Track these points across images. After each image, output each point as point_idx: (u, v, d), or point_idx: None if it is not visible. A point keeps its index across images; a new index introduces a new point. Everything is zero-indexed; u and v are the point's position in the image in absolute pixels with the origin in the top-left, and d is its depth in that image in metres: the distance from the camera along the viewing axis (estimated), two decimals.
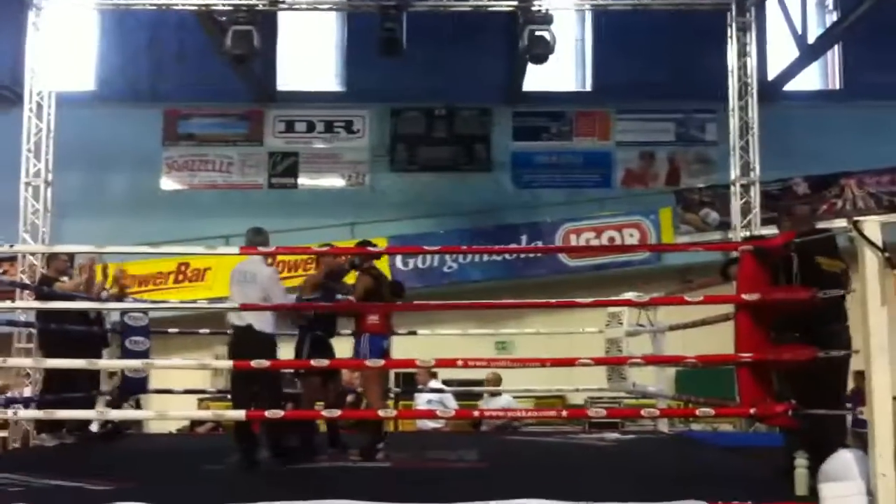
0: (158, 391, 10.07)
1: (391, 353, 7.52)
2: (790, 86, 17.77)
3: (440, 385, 11.53)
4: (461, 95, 18.28)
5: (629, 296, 8.35)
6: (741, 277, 5.58)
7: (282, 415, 5.93)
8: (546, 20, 13.51)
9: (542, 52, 13.72)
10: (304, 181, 18.53)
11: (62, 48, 14.83)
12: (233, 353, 6.69)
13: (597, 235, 16.32)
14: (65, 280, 8.54)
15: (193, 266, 15.75)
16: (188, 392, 10.63)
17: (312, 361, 6.63)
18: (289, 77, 19.07)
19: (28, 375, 11.72)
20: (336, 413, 6.17)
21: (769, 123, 14.30)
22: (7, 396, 9.82)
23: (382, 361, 6.91)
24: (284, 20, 18.61)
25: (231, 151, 18.55)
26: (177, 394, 10.18)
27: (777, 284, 5.46)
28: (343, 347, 7.56)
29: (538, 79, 17.92)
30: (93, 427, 8.75)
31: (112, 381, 9.08)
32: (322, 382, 7.33)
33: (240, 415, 6.30)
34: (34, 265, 12.72)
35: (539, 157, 18.79)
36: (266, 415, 6.31)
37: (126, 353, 8.76)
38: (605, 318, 9.53)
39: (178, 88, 18.27)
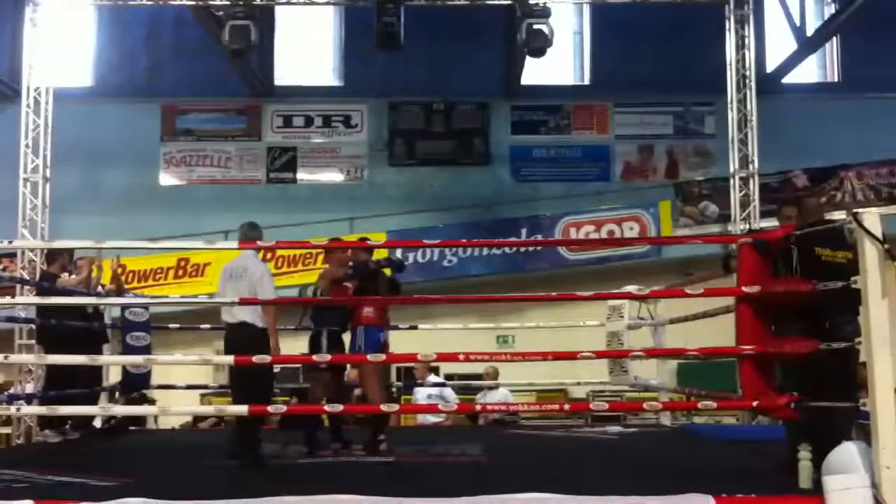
0: (160, 387, 10.08)
1: (388, 347, 7.53)
2: (788, 78, 17.78)
3: (440, 379, 11.55)
4: (459, 89, 18.28)
5: (630, 289, 8.36)
6: (741, 270, 5.58)
7: (285, 410, 5.95)
8: (544, 14, 13.49)
9: (540, 46, 13.71)
10: (303, 176, 18.52)
11: (60, 44, 14.81)
12: (229, 350, 6.66)
13: (596, 229, 16.33)
14: (66, 276, 8.53)
15: (193, 261, 15.75)
16: (190, 388, 10.63)
17: (315, 357, 6.64)
18: (286, 71, 19.05)
19: (30, 372, 11.73)
20: (339, 408, 6.16)
21: (767, 116, 14.32)
22: (9, 393, 9.83)
23: (383, 356, 6.91)
24: (282, 14, 18.60)
25: (229, 146, 18.54)
26: (179, 389, 10.18)
27: (777, 276, 5.47)
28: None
29: (536, 72, 17.90)
30: (96, 423, 8.77)
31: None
32: (332, 378, 7.35)
33: (242, 410, 6.29)
34: (34, 261, 12.71)
35: (537, 151, 18.79)
36: (269, 410, 6.34)
37: (127, 349, 8.77)
38: (606, 312, 9.55)
39: (176, 83, 18.25)
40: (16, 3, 14.32)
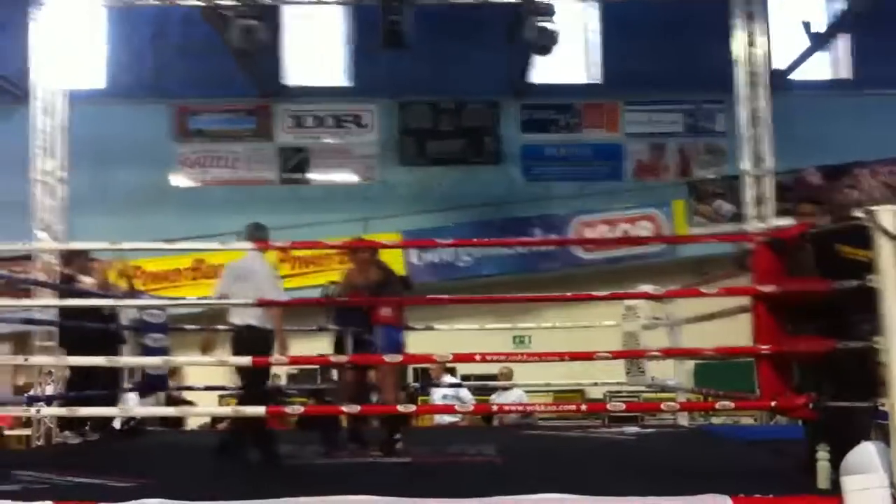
0: (179, 388, 10.11)
1: (405, 347, 7.55)
2: (799, 75, 17.73)
3: (456, 380, 11.57)
4: (469, 88, 18.28)
5: (645, 289, 8.36)
6: (757, 268, 5.58)
7: (302, 410, 5.98)
8: (548, 11, 13.48)
9: (546, 44, 13.69)
10: (316, 176, 18.55)
11: (71, 45, 14.83)
12: (236, 352, 6.68)
13: (610, 228, 16.30)
14: (83, 279, 8.58)
15: (209, 262, 15.79)
16: (208, 389, 10.65)
17: (332, 358, 6.67)
18: (295, 72, 19.08)
19: (50, 374, 11.77)
20: (356, 409, 6.19)
21: (778, 113, 14.24)
22: (29, 395, 9.87)
23: (400, 357, 6.93)
24: (290, 14, 18.62)
25: (240, 147, 18.59)
26: (197, 391, 10.20)
27: (795, 274, 5.45)
28: None
29: (546, 71, 17.90)
30: (115, 424, 8.81)
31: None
32: (353, 377, 7.37)
33: (260, 411, 6.31)
34: (49, 263, 12.73)
35: (548, 150, 18.79)
36: (287, 411, 6.38)
37: (145, 351, 8.81)
38: (622, 312, 9.54)
39: (186, 84, 18.30)
40: (23, 5, 14.33)
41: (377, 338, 7.29)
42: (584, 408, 6.94)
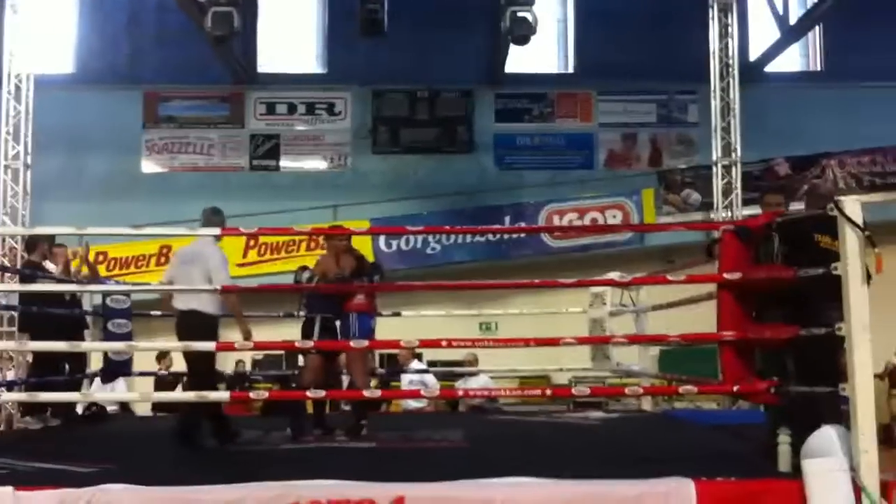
0: (142, 374, 10.03)
1: (375, 333, 7.54)
2: (772, 67, 17.83)
3: (423, 366, 11.58)
4: (443, 77, 18.26)
5: (612, 276, 8.37)
6: (723, 257, 5.61)
7: (266, 396, 5.95)
8: (527, 1, 13.48)
9: (524, 34, 13.69)
10: (286, 163, 18.48)
11: (41, 30, 14.67)
12: (181, 337, 6.57)
13: (580, 216, 16.36)
14: (48, 265, 8.49)
15: (175, 249, 15.66)
16: (172, 374, 10.58)
17: (297, 343, 6.64)
18: (269, 59, 18.98)
19: (11, 359, 11.63)
20: (321, 394, 6.17)
21: (750, 104, 14.33)
22: None
23: (366, 342, 6.93)
24: (265, 1, 18.51)
25: (212, 134, 18.48)
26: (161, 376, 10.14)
27: (764, 262, 5.49)
28: None
29: (520, 60, 17.89)
30: (78, 409, 8.73)
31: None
32: (322, 363, 7.34)
33: (224, 396, 6.29)
34: (14, 248, 12.59)
35: (521, 139, 18.81)
36: (251, 396, 6.34)
37: (108, 336, 8.74)
38: (589, 299, 9.58)
39: (158, 70, 18.16)
40: None
41: (350, 324, 7.26)
42: (550, 393, 6.95)
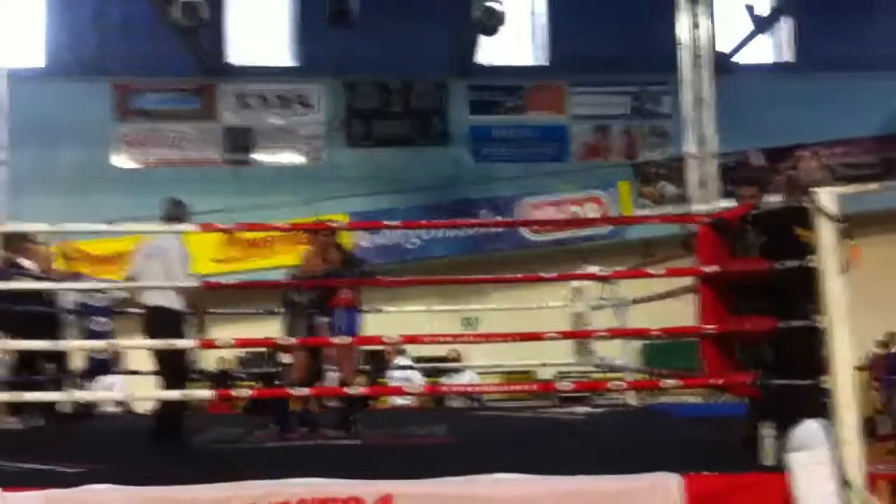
0: (126, 372, 9.94)
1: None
2: (743, 58, 17.94)
3: (408, 362, 11.59)
4: (416, 69, 18.22)
5: (592, 270, 8.41)
6: (701, 250, 5.65)
7: (251, 394, 5.94)
8: None
9: (494, 24, 13.76)
10: (261, 157, 18.37)
11: (11, 24, 14.51)
12: (147, 333, 6.48)
13: (557, 209, 16.41)
14: (24, 262, 8.40)
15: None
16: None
17: (279, 340, 6.62)
18: (240, 50, 18.84)
19: None
20: (305, 391, 6.17)
21: (723, 96, 14.43)
22: None
23: (349, 338, 6.92)
24: None
25: (185, 127, 18.32)
26: (144, 375, 10.03)
27: (740, 255, 5.53)
28: None
29: (494, 52, 17.90)
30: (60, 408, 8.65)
31: None
32: (308, 359, 7.32)
33: (208, 395, 6.26)
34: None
35: (496, 131, 18.83)
36: (232, 394, 6.33)
37: (90, 334, 8.67)
38: (569, 293, 9.61)
39: (128, 63, 17.99)
40: None
41: (338, 320, 7.25)
42: (534, 387, 6.97)
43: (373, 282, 7.44)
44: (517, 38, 18.71)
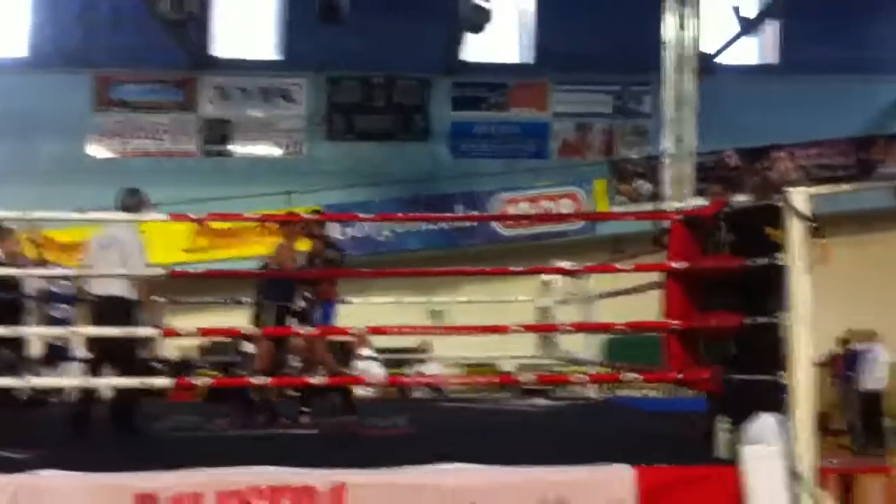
0: (84, 360, 9.83)
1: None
2: (727, 59, 17.99)
3: (372, 353, 11.54)
4: (400, 64, 18.21)
5: (562, 265, 8.39)
6: (672, 246, 5.64)
7: (211, 382, 5.88)
8: None
9: (480, 22, 13.74)
10: (239, 149, 18.32)
11: None
12: (100, 322, 6.39)
13: (532, 205, 16.42)
14: None
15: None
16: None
17: (241, 330, 6.57)
18: (224, 43, 18.79)
19: None
20: (266, 381, 6.13)
21: (705, 96, 14.47)
22: None
23: (316, 329, 6.88)
24: None
25: (164, 118, 18.26)
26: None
27: (711, 252, 5.52)
28: None
29: (478, 49, 17.89)
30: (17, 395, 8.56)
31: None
32: (273, 349, 7.27)
33: (167, 383, 6.20)
34: None
35: (477, 128, 18.84)
36: (194, 383, 6.27)
37: (51, 321, 8.59)
38: (539, 287, 9.60)
39: (112, 54, 17.92)
40: None
41: (325, 312, 7.25)
42: (496, 380, 6.95)
43: (339, 272, 7.40)
44: (502, 36, 18.71)
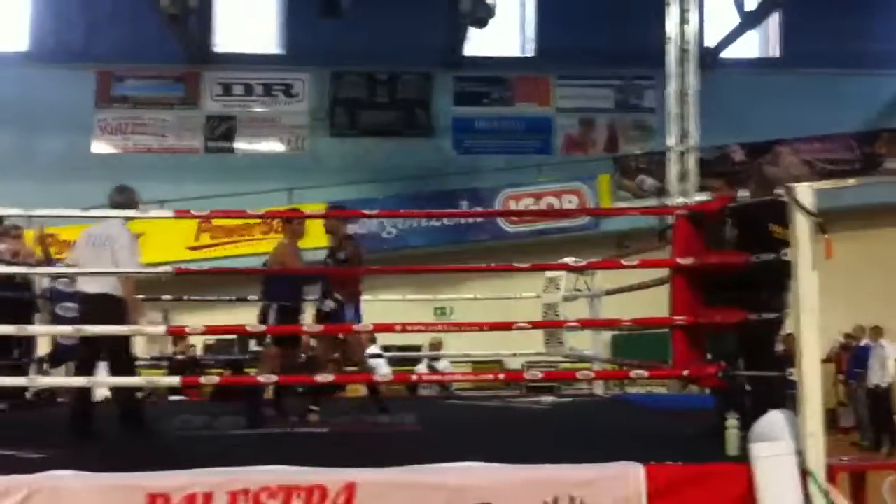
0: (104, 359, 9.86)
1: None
2: (729, 53, 17.96)
3: (377, 350, 11.57)
4: (403, 59, 18.19)
5: (567, 261, 8.39)
6: (676, 242, 5.64)
7: (217, 381, 5.89)
8: None
9: (483, 16, 13.73)
10: (242, 145, 18.32)
11: None
12: (90, 321, 6.29)
13: (536, 201, 16.40)
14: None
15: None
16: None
17: (249, 327, 6.56)
18: (226, 38, 18.78)
19: None
20: (273, 379, 6.14)
21: (707, 90, 14.44)
22: None
23: (321, 326, 6.89)
24: None
25: (167, 114, 18.25)
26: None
27: (715, 247, 5.52)
28: None
29: (480, 44, 17.87)
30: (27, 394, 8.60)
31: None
32: (280, 354, 7.27)
33: (174, 381, 6.21)
34: None
35: (480, 123, 18.81)
36: (202, 381, 6.28)
37: (56, 320, 8.60)
38: (544, 284, 9.60)
39: (113, 49, 17.91)
40: None
41: (356, 312, 7.37)
42: (502, 377, 6.96)
43: (346, 271, 7.40)
44: (505, 30, 18.68)
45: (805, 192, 4.76)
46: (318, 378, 6.15)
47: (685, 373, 5.40)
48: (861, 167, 16.26)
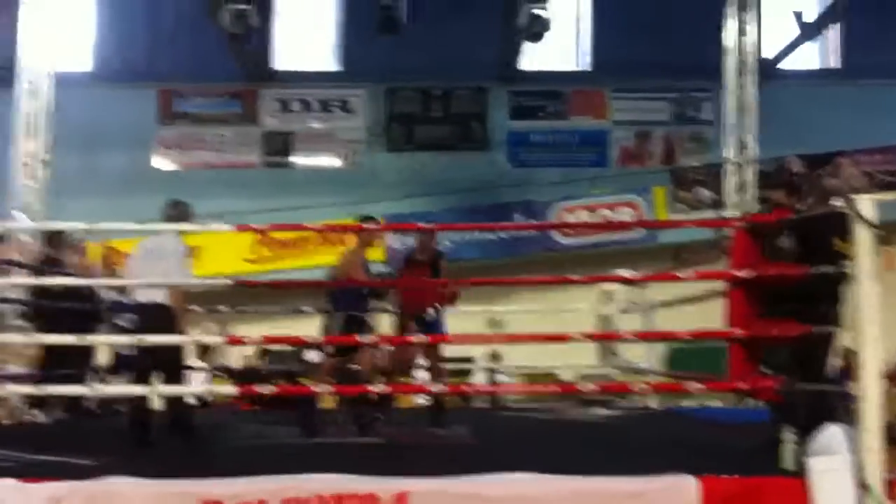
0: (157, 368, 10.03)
1: None
2: (788, 64, 17.73)
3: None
4: (458, 74, 18.23)
5: (622, 273, 8.34)
6: (734, 254, 5.59)
7: (274, 391, 5.94)
8: None
9: (539, 31, 13.73)
10: (299, 160, 18.50)
11: (60, 27, 14.75)
12: (145, 330, 6.40)
13: (591, 214, 16.33)
14: (66, 259, 8.57)
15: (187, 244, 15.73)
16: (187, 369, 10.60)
17: (306, 338, 6.63)
18: (285, 56, 19.01)
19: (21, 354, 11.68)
20: (329, 389, 6.19)
21: (766, 102, 14.27)
22: None
23: (373, 337, 6.94)
24: None
25: (225, 130, 18.51)
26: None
27: (773, 260, 5.46)
28: None
29: (536, 57, 17.87)
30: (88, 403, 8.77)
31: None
32: (336, 366, 7.33)
33: (232, 391, 6.29)
34: (25, 243, 12.66)
35: (535, 136, 18.77)
36: (259, 390, 6.35)
37: (119, 331, 8.77)
38: (598, 296, 9.57)
39: (174, 67, 18.21)
40: None
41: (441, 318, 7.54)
42: (556, 389, 6.94)
43: (393, 282, 7.45)
44: (560, 44, 18.65)
45: (866, 204, 4.70)
46: (373, 388, 6.20)
47: (741, 386, 5.34)
48: None
